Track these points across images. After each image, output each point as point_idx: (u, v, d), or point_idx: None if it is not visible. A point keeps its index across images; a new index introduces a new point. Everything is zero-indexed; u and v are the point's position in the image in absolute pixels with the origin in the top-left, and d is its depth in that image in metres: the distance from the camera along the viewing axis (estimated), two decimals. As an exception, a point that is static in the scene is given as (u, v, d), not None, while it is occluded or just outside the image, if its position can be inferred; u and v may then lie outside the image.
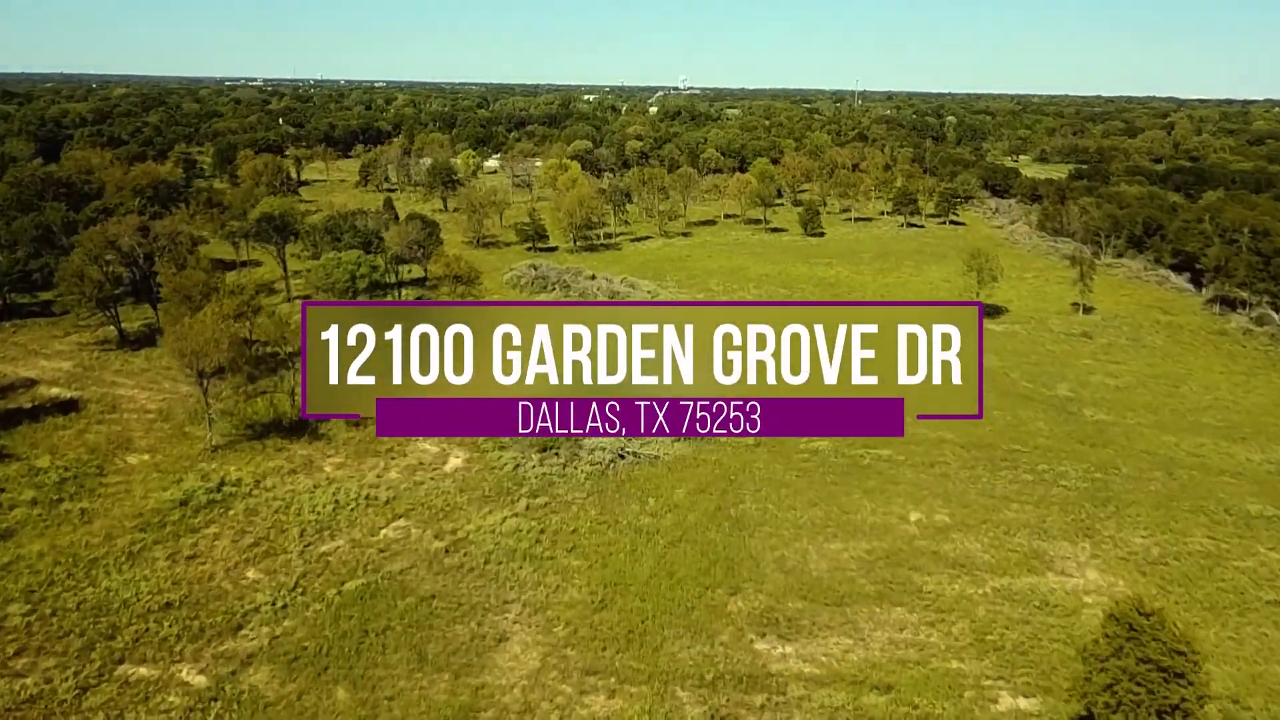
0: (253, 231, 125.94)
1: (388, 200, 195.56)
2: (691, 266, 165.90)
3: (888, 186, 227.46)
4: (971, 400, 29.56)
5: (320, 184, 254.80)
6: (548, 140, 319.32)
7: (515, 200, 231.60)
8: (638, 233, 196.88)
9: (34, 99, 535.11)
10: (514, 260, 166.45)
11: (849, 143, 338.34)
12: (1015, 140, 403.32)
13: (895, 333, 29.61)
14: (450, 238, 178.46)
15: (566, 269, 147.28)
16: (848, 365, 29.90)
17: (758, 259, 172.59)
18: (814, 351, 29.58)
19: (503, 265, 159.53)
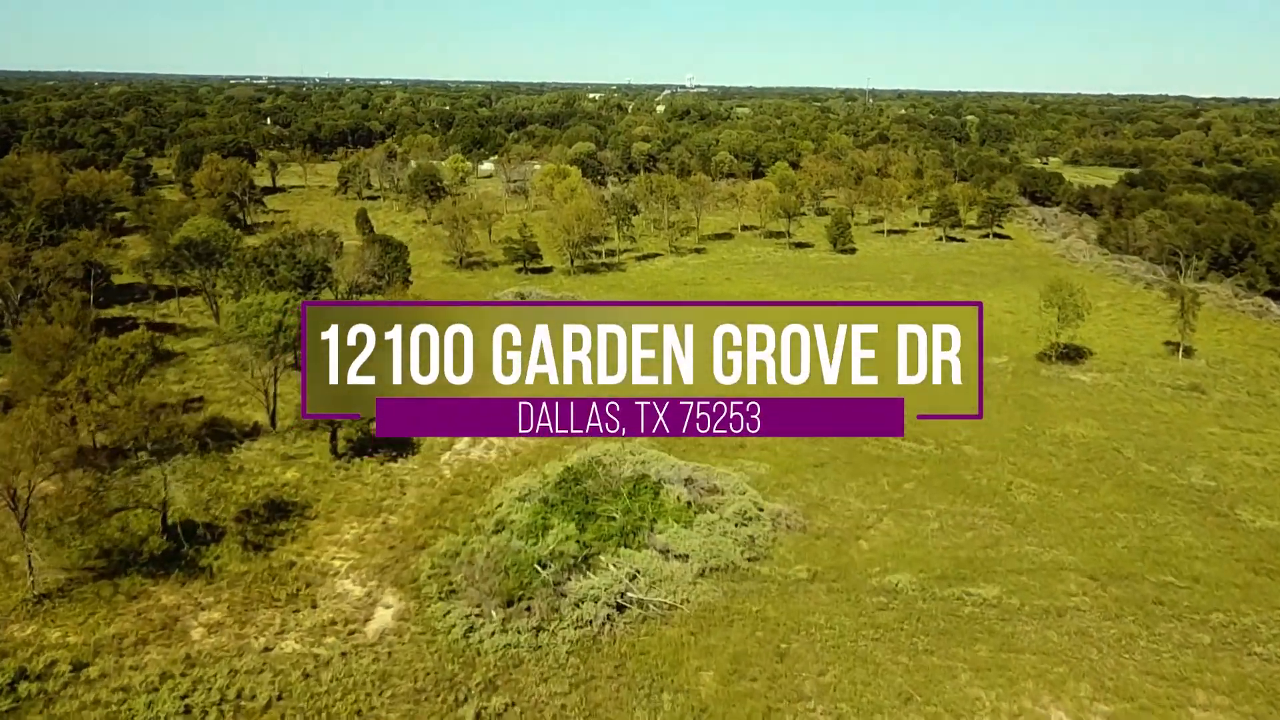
0: (168, 261, 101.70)
1: (362, 213, 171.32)
2: (708, 291, 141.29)
3: (922, 194, 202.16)
4: (972, 400, 29.20)
5: (298, 190, 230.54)
6: (548, 141, 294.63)
7: (510, 210, 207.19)
8: (645, 248, 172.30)
9: (25, 96, 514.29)
10: (501, 283, 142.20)
11: (870, 144, 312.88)
12: (1042, 141, 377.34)
13: (895, 333, 29.46)
14: (429, 256, 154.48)
15: (559, 299, 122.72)
16: (848, 365, 29.69)
17: (784, 282, 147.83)
18: (814, 352, 29.49)
19: (486, 290, 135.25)
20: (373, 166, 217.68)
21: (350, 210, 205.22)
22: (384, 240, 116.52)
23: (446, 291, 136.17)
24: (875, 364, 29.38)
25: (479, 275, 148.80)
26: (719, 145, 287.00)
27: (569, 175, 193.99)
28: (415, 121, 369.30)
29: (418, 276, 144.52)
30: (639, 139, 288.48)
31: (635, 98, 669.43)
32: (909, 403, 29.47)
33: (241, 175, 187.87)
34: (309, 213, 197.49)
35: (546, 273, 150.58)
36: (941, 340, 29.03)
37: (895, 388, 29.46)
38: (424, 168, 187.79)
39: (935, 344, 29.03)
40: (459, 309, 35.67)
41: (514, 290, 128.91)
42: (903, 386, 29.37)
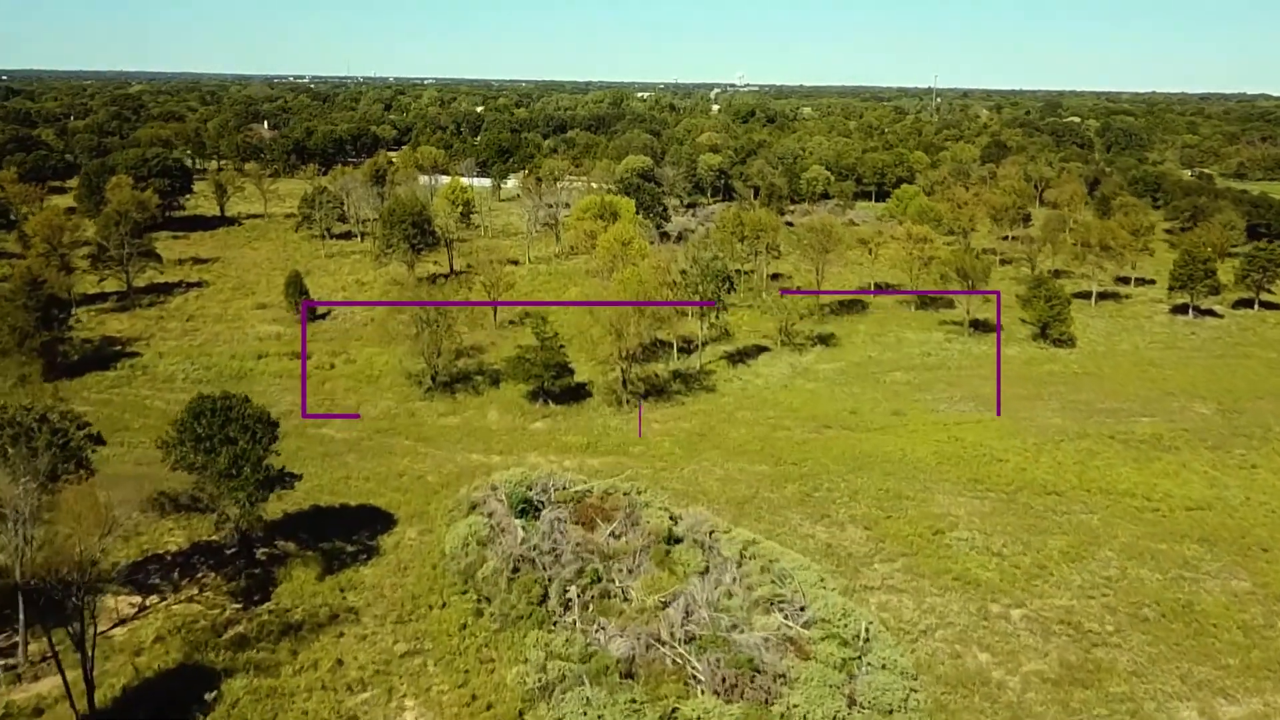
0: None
1: (295, 279, 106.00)
2: (876, 451, 74.02)
3: (1139, 237, 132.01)
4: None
5: (254, 221, 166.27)
6: (591, 152, 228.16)
7: (537, 254, 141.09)
8: (738, 332, 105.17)
9: (35, 98, 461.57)
10: (496, 432, 76.52)
11: (990, 156, 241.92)
12: (1186, 150, 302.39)
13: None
14: (389, 362, 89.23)
15: (579, 549, 55.47)
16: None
17: (1007, 429, 79.94)
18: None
19: (447, 464, 69.72)
20: (350, 191, 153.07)
21: (308, 256, 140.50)
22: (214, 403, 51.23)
23: (372, 475, 70.39)
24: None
25: (464, 404, 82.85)
26: (808, 156, 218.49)
27: (618, 211, 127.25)
28: (438, 125, 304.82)
29: (364, 403, 79.59)
30: (705, 149, 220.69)
31: (687, 97, 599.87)
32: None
33: (144, 205, 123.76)
34: (241, 265, 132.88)
35: (580, 399, 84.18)
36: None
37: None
38: (405, 201, 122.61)
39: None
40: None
41: (503, 476, 62.71)
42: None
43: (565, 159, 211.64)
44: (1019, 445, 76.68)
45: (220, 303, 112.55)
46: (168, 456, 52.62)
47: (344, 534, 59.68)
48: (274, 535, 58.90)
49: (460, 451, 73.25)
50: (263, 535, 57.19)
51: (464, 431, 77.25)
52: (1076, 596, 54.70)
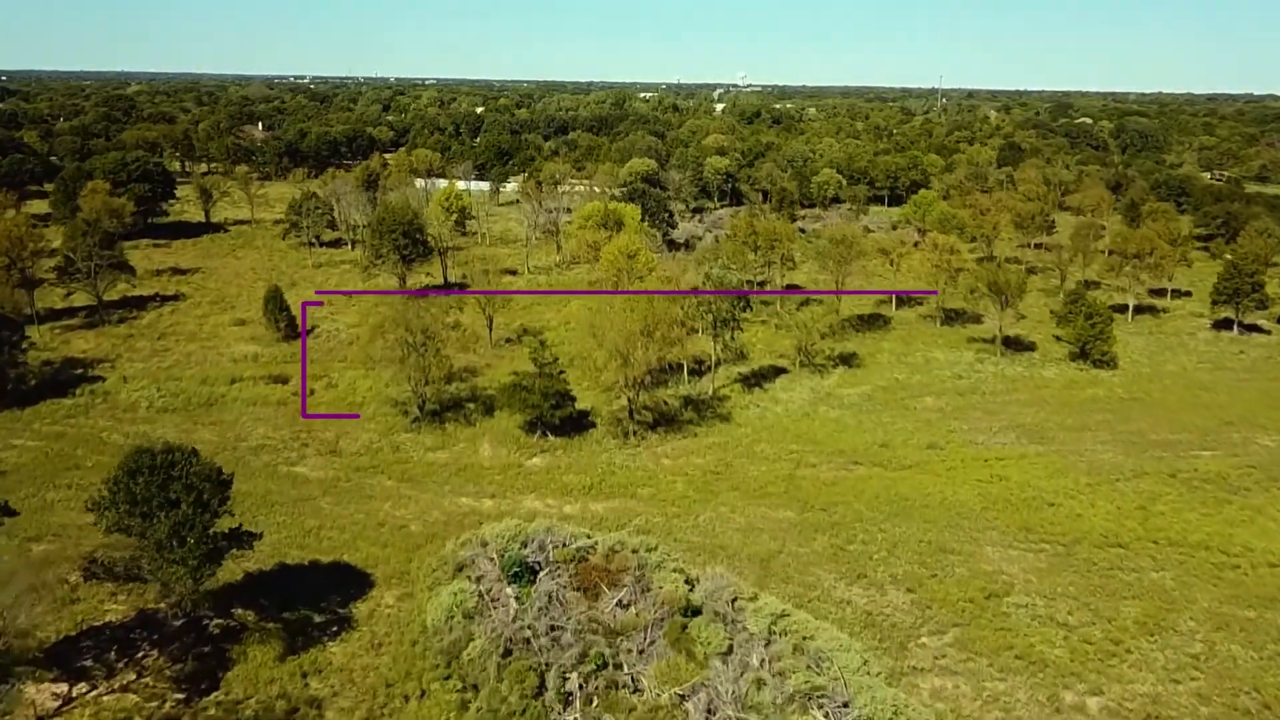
0: None
1: (275, 295, 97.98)
2: (917, 501, 66.04)
3: (1177, 246, 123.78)
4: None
5: (240, 228, 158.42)
6: (594, 154, 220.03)
7: (537, 263, 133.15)
8: (754, 352, 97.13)
9: (32, 98, 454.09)
10: (486, 464, 68.53)
11: (1007, 159, 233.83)
12: (1203, 151, 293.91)
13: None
14: (375, 387, 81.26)
15: (581, 627, 47.60)
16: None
17: (1061, 469, 71.93)
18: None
19: (433, 510, 61.75)
20: (341, 196, 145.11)
21: (295, 265, 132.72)
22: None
23: (349, 523, 62.40)
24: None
25: (454, 435, 74.89)
26: (818, 159, 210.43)
27: (623, 219, 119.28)
28: (436, 127, 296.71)
29: (343, 436, 71.75)
30: (712, 151, 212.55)
31: (690, 98, 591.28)
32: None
33: (117, 213, 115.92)
34: (223, 276, 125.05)
35: (582, 430, 76.19)
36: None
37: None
38: (396, 208, 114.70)
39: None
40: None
41: (494, 530, 54.84)
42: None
43: (566, 162, 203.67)
44: (1070, 486, 68.67)
45: (196, 318, 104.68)
46: (99, 520, 44.73)
47: (312, 599, 51.75)
48: (231, 601, 51.03)
49: (448, 494, 65.30)
50: (214, 607, 49.27)
51: (453, 469, 69.28)
52: (1161, 680, 46.73)
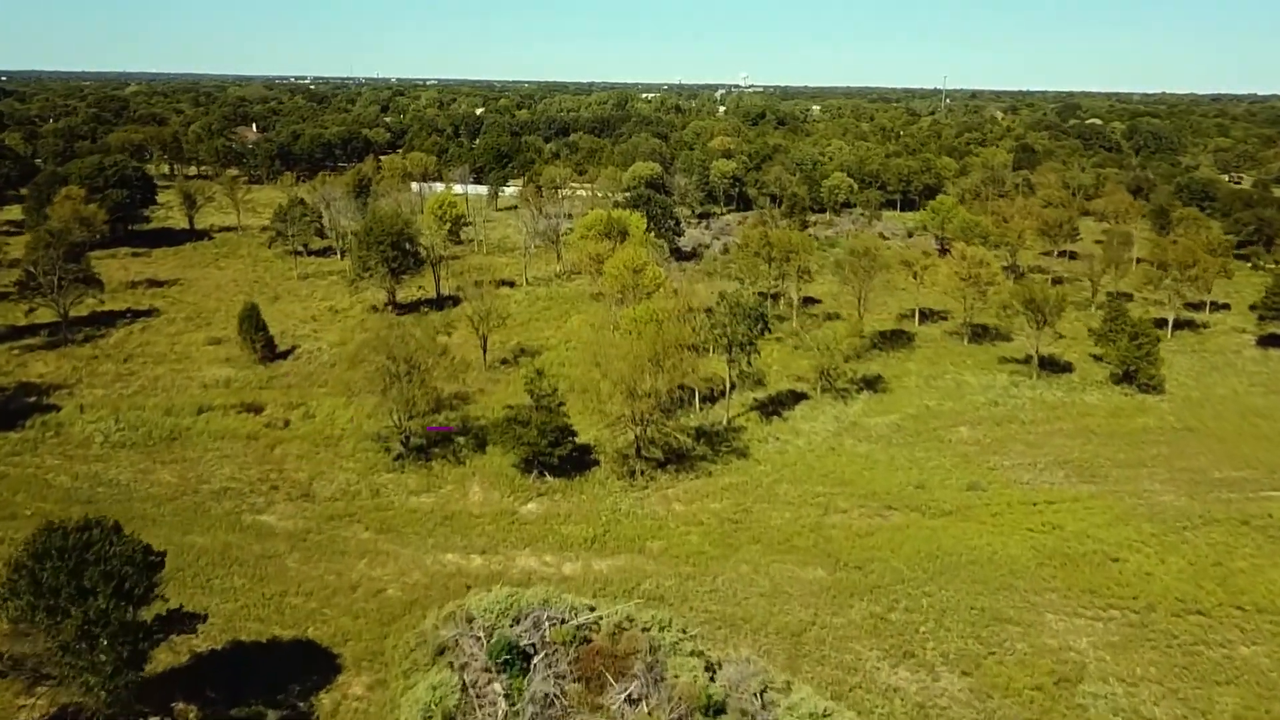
0: None
1: (252, 312, 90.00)
2: (984, 582, 58.11)
3: (1216, 254, 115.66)
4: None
5: (225, 235, 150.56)
6: (596, 156, 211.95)
7: (536, 273, 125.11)
8: (770, 375, 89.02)
9: (29, 99, 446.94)
10: (468, 519, 60.50)
11: (1023, 163, 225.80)
12: (1219, 153, 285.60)
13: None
14: (354, 417, 73.35)
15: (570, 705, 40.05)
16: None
17: (1119, 511, 63.98)
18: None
19: (414, 569, 53.70)
20: (330, 202, 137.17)
21: (280, 277, 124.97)
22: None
23: (317, 587, 54.49)
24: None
25: (441, 475, 66.95)
26: (828, 162, 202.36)
27: (627, 228, 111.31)
28: (434, 128, 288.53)
29: (318, 478, 63.93)
30: (718, 154, 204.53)
31: (692, 98, 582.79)
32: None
33: (89, 221, 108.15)
34: (202, 289, 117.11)
35: (583, 468, 68.25)
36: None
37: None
38: (385, 217, 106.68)
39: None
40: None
41: (481, 603, 47.05)
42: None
43: (567, 165, 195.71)
44: (1133, 536, 60.74)
45: (169, 336, 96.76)
46: (1, 611, 36.84)
47: (268, 689, 43.90)
48: (173, 692, 43.21)
49: (432, 549, 57.39)
50: (150, 702, 41.41)
51: (439, 517, 61.36)
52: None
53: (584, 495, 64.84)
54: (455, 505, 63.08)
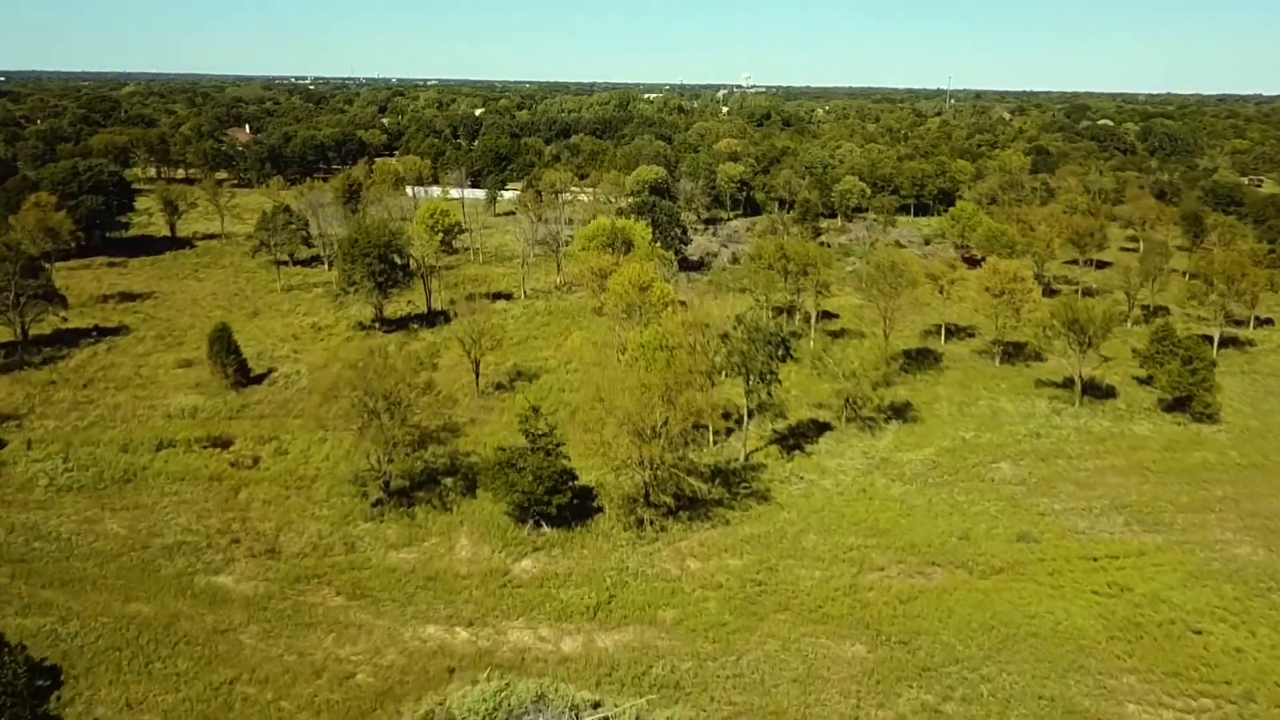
0: None
1: (223, 332, 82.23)
2: (1049, 661, 50.17)
3: (1265, 264, 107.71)
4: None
5: (208, 244, 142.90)
6: (598, 159, 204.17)
7: (534, 285, 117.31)
8: (789, 398, 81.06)
9: (22, 99, 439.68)
10: (454, 580, 52.59)
11: (1041, 166, 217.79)
12: (1236, 155, 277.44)
13: None
14: (332, 451, 65.26)
15: None
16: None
17: (1198, 577, 56.11)
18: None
19: (389, 648, 45.70)
20: (318, 209, 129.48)
21: (262, 289, 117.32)
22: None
23: (274, 673, 46.59)
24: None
25: (425, 525, 59.16)
26: (838, 165, 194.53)
27: (632, 238, 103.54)
28: (432, 130, 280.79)
29: (286, 528, 55.94)
30: (724, 157, 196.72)
31: (695, 99, 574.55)
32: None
33: (54, 231, 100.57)
34: (178, 303, 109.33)
35: (584, 516, 60.43)
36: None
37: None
38: (371, 228, 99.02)
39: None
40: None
41: (463, 700, 39.40)
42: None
43: (568, 168, 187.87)
44: (1213, 600, 52.95)
45: (135, 358, 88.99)
46: None
47: (204, 813, 36.15)
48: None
49: (412, 620, 49.63)
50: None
51: (421, 578, 53.60)
52: None
53: (585, 549, 57.06)
54: (440, 562, 55.30)
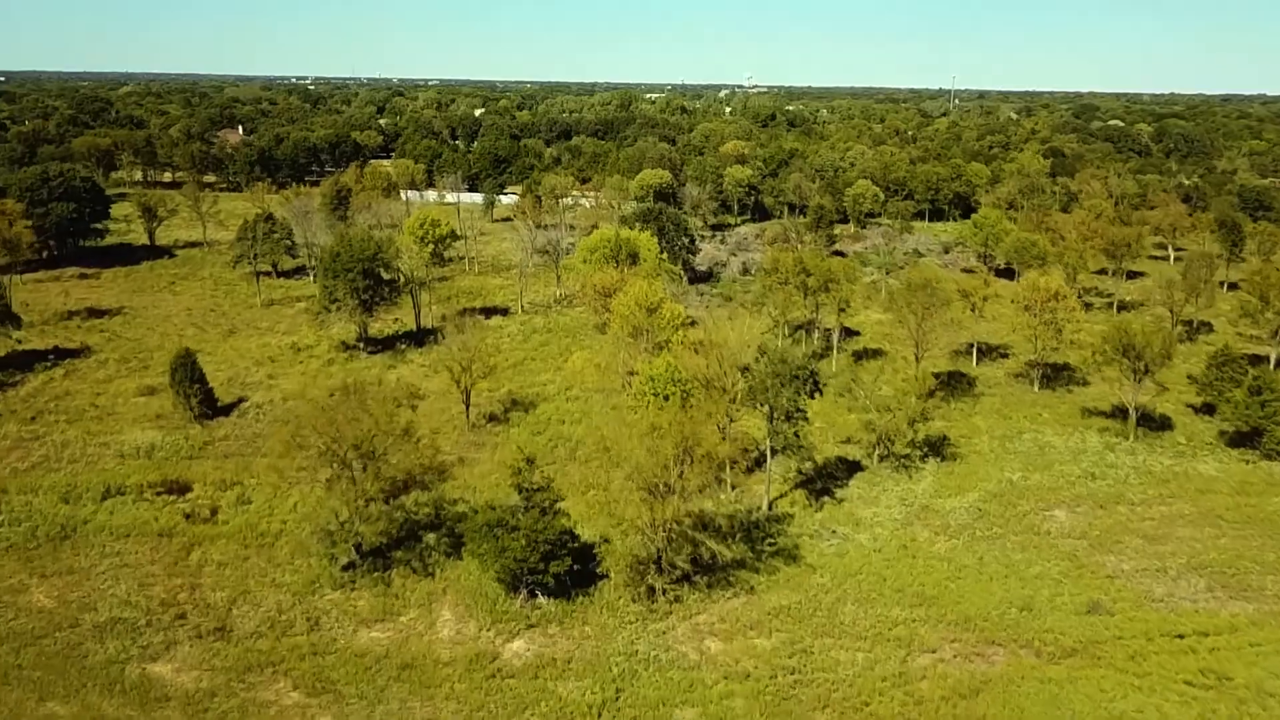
0: None
1: (186, 359, 73.93)
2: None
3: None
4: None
5: (189, 252, 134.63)
6: (600, 161, 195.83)
7: (532, 298, 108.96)
8: (814, 432, 72.59)
9: (18, 99, 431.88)
10: (434, 668, 44.00)
11: (1061, 169, 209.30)
12: (1254, 157, 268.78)
13: None
14: (296, 507, 56.46)
15: None
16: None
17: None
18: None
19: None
20: (304, 216, 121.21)
21: (241, 304, 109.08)
22: None
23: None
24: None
25: (402, 595, 50.93)
26: (849, 168, 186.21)
27: (637, 251, 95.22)
28: (430, 131, 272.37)
29: (241, 599, 47.48)
30: (731, 160, 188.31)
31: (698, 99, 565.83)
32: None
33: (11, 246, 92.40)
34: (148, 320, 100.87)
35: (586, 583, 52.11)
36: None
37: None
38: (355, 241, 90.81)
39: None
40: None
41: None
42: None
43: (569, 172, 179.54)
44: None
45: (94, 384, 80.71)
46: None
47: None
48: None
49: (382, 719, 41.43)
50: None
51: (395, 665, 45.32)
52: None
53: (588, 626, 48.80)
54: (417, 645, 47.02)
